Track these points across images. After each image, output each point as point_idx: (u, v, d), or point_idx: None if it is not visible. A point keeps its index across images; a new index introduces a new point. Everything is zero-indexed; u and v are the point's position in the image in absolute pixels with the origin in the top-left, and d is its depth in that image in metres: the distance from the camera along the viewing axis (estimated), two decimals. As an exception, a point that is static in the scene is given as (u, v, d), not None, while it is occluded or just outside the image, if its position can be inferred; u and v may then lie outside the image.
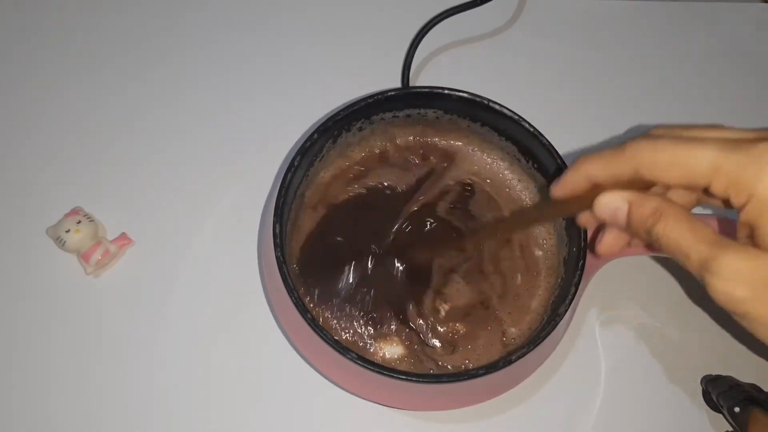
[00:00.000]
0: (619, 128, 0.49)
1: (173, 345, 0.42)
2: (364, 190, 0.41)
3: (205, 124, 0.48)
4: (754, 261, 0.25)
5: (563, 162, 0.37)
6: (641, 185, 0.28)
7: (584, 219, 0.33)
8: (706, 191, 0.27)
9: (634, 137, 0.29)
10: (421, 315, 0.38)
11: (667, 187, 0.30)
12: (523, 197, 0.41)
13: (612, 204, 0.29)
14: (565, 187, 0.31)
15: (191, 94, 0.49)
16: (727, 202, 0.27)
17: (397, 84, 0.49)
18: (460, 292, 0.39)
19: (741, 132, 0.27)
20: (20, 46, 0.50)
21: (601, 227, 0.34)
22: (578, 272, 0.35)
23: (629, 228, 0.29)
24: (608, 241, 0.33)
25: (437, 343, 0.38)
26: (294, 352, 0.41)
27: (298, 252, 0.39)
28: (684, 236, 0.26)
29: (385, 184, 0.41)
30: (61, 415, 0.40)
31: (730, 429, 0.40)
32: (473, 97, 0.38)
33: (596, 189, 0.30)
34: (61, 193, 0.45)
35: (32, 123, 0.47)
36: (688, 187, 0.27)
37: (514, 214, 0.39)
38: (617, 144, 0.29)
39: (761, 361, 0.42)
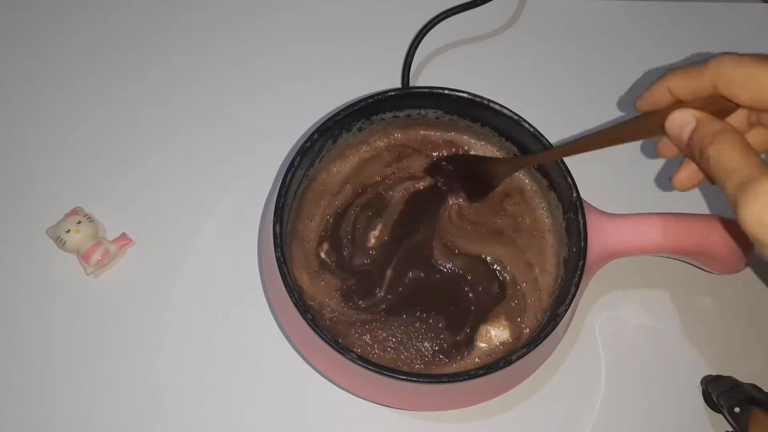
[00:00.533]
0: (619, 128, 0.49)
1: (173, 345, 0.42)
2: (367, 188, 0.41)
3: (205, 124, 0.48)
4: None
5: (563, 162, 0.37)
6: (720, 107, 0.28)
7: (662, 145, 0.33)
8: None
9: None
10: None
11: (750, 123, 0.29)
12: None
13: (682, 119, 0.29)
14: (648, 100, 0.31)
15: (191, 94, 0.49)
16: None
17: (397, 84, 0.49)
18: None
19: None
20: (20, 46, 0.50)
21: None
22: (578, 272, 0.35)
23: (689, 147, 0.29)
24: (682, 174, 0.33)
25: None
26: (294, 352, 0.41)
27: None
28: (734, 157, 0.26)
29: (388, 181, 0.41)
30: (60, 414, 0.40)
31: (730, 429, 0.40)
32: (473, 97, 0.38)
33: (677, 106, 0.30)
34: (61, 193, 0.45)
35: (32, 123, 0.48)
36: (761, 108, 0.27)
37: (593, 134, 0.38)
38: (701, 61, 0.29)
39: (761, 361, 0.42)
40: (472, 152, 0.42)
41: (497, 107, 0.38)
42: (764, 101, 0.26)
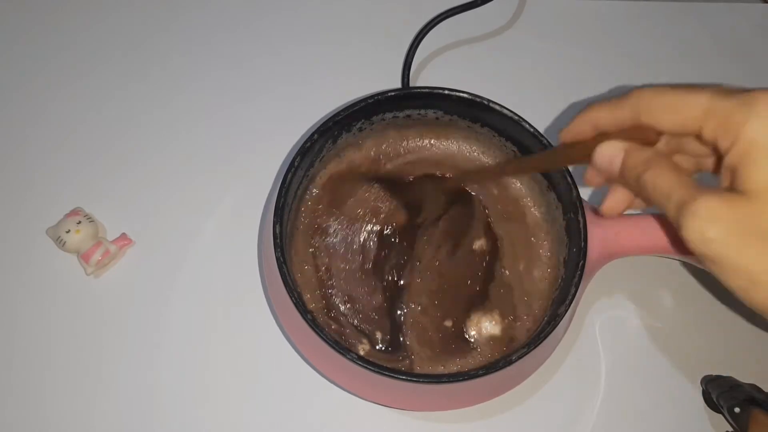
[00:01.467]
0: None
1: (173, 345, 0.42)
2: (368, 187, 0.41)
3: (205, 124, 0.48)
4: (730, 202, 0.25)
5: (563, 162, 0.37)
6: (643, 138, 0.29)
7: (590, 175, 0.34)
8: (699, 138, 0.27)
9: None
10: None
11: (671, 150, 0.31)
12: (524, 196, 0.42)
13: (610, 151, 0.30)
14: (571, 131, 0.32)
15: (191, 94, 0.49)
16: (718, 153, 0.27)
17: (397, 84, 0.49)
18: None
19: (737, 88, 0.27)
20: (20, 46, 0.50)
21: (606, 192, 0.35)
22: (578, 272, 0.35)
23: (622, 176, 0.30)
24: (610, 201, 0.33)
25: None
26: (294, 352, 0.41)
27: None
28: (668, 182, 0.27)
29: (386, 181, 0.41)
30: (60, 414, 0.40)
31: (730, 429, 0.40)
32: (473, 98, 0.38)
33: (601, 137, 0.30)
34: (61, 193, 0.45)
35: (32, 123, 0.47)
36: (683, 133, 0.28)
37: (520, 159, 0.39)
38: (623, 93, 0.30)
39: (761, 361, 0.42)
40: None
41: (497, 107, 0.38)
42: (683, 126, 0.27)
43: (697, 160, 0.31)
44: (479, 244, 0.40)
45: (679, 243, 0.38)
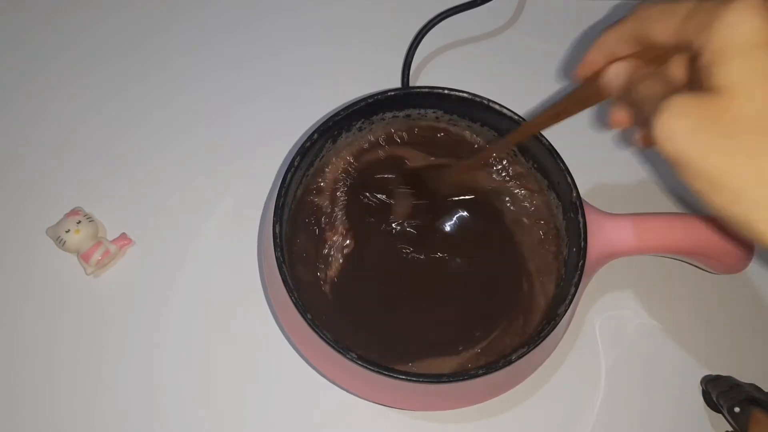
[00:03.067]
0: (619, 128, 0.49)
1: (173, 345, 0.42)
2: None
3: (205, 123, 0.48)
4: (699, 99, 0.24)
5: (563, 162, 0.37)
6: (652, 57, 0.29)
7: (616, 116, 0.33)
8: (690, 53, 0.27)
9: None
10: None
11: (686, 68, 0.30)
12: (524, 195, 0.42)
13: (617, 69, 0.30)
14: (586, 66, 0.32)
15: (191, 94, 0.49)
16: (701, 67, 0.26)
17: (397, 84, 0.49)
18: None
19: None
20: (20, 46, 0.50)
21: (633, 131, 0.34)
22: (578, 272, 0.35)
23: (625, 92, 0.29)
24: (617, 113, 0.33)
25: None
26: (294, 352, 0.41)
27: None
28: (656, 90, 0.27)
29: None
30: (60, 414, 0.40)
31: (730, 429, 0.40)
32: (473, 97, 0.38)
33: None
34: (61, 193, 0.45)
35: (32, 123, 0.48)
36: (676, 41, 0.27)
37: (537, 115, 0.37)
38: None
39: (761, 361, 0.42)
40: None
41: (497, 107, 0.38)
42: (676, 33, 0.26)
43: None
44: (489, 244, 0.40)
45: (679, 243, 0.38)
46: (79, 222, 0.42)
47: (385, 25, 0.52)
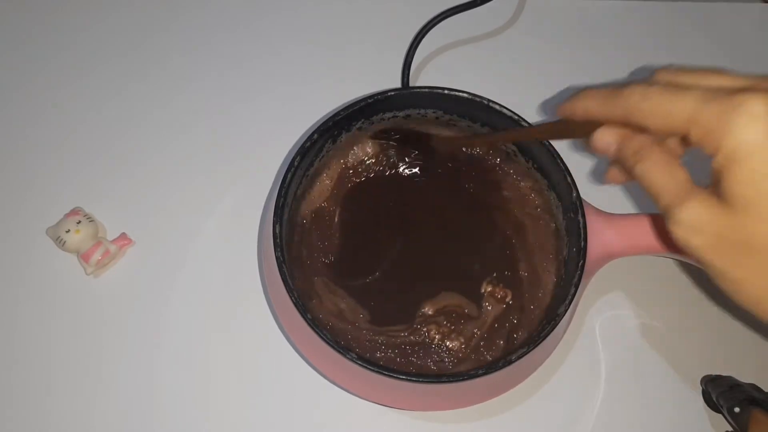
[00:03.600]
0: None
1: (173, 345, 0.42)
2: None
3: (205, 124, 0.48)
4: (713, 214, 0.26)
5: (563, 162, 0.37)
6: (637, 126, 0.29)
7: (610, 174, 0.34)
8: (688, 139, 0.28)
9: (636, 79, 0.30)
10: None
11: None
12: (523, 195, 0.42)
13: (605, 139, 0.30)
14: (566, 111, 0.32)
15: (191, 94, 0.49)
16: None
17: (397, 84, 0.49)
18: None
19: (735, 79, 0.27)
20: (20, 46, 0.50)
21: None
22: (578, 272, 0.35)
23: (618, 162, 0.30)
24: (612, 172, 0.34)
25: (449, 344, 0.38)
26: (294, 352, 0.41)
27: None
28: (658, 179, 0.28)
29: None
30: (60, 414, 0.40)
31: (730, 429, 0.40)
32: (473, 97, 0.38)
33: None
34: (61, 193, 0.45)
35: (32, 123, 0.48)
36: (670, 135, 0.28)
37: (521, 128, 0.39)
38: (619, 84, 0.30)
39: (761, 361, 0.42)
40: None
41: (497, 107, 0.38)
42: (671, 129, 0.27)
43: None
44: (490, 243, 0.41)
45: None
46: (79, 222, 0.42)
47: (385, 25, 0.52)
